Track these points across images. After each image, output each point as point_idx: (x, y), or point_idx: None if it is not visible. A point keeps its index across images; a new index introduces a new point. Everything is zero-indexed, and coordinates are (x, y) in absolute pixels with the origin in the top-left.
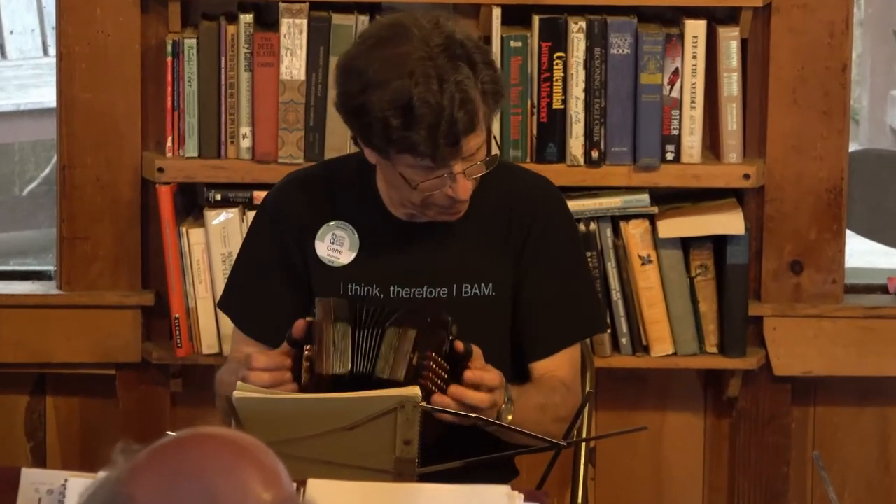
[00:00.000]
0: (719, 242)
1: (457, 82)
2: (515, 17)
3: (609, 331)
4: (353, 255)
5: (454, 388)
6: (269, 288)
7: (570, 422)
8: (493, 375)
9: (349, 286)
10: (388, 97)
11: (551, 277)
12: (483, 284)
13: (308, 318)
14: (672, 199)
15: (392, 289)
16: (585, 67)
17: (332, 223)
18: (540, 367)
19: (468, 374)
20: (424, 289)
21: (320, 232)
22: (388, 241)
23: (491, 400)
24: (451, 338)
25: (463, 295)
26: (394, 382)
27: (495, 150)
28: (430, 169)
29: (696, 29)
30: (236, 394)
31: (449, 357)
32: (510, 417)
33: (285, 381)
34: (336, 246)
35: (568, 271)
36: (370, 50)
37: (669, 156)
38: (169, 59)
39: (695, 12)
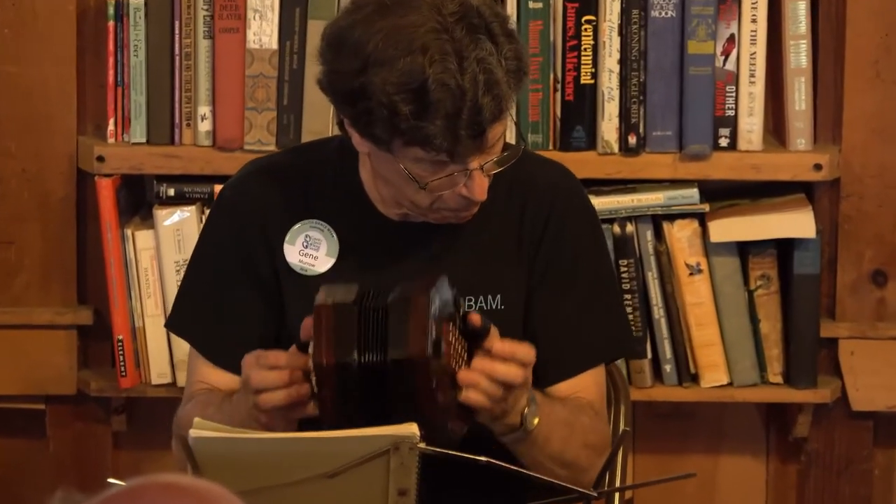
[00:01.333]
0: (784, 248)
1: (479, 60)
2: None
3: (649, 356)
4: (331, 262)
5: (481, 362)
6: (234, 301)
7: (602, 467)
8: (526, 349)
9: None
10: (397, 78)
11: (569, 288)
12: (490, 296)
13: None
14: (727, 195)
15: None
16: (620, 34)
17: (305, 222)
18: (560, 390)
19: (498, 346)
20: None
21: (291, 233)
22: (375, 246)
23: (525, 376)
24: (461, 312)
25: (466, 309)
26: (411, 363)
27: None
28: (442, 165)
29: None
30: (193, 433)
31: (464, 334)
32: (536, 421)
33: (294, 383)
34: (310, 251)
35: (589, 280)
36: (369, 19)
37: (723, 142)
38: (110, 23)
39: None
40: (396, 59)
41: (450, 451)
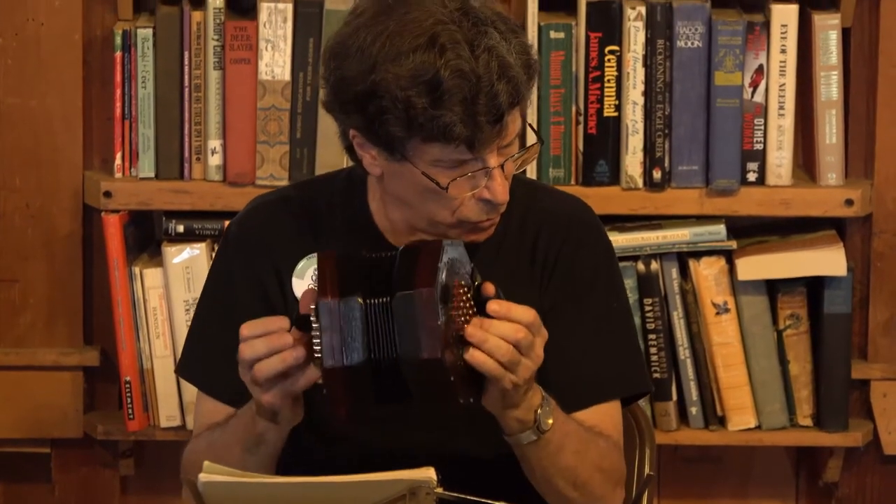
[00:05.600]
0: (815, 286)
1: (489, 48)
2: (557, 1)
3: (674, 398)
4: None
5: (477, 322)
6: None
7: None
8: (525, 310)
9: None
10: (408, 72)
11: (580, 318)
12: None
13: (313, 286)
14: (755, 232)
15: None
16: (645, 65)
17: (314, 256)
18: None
19: (492, 305)
20: None
21: (299, 267)
22: None
23: (528, 338)
24: (476, 283)
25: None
26: (424, 364)
27: (533, 140)
28: (461, 165)
29: (785, 15)
30: (202, 476)
31: (477, 304)
32: (550, 421)
33: (285, 346)
34: None
35: (601, 312)
36: (372, 20)
37: (751, 176)
38: (118, 53)
39: None
40: (406, 54)
41: (468, 497)
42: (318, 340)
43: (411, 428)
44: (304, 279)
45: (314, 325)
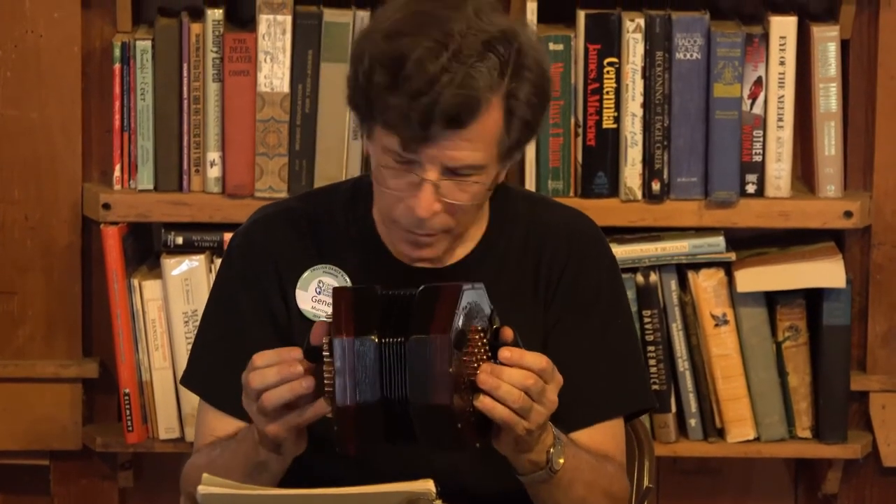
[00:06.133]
0: (814, 298)
1: (473, 68)
2: (555, 12)
3: (673, 410)
4: None
5: (489, 368)
6: (250, 346)
7: None
8: (538, 357)
9: None
10: (386, 47)
11: (585, 335)
12: None
13: (327, 319)
14: (754, 244)
15: None
16: (644, 76)
17: (318, 268)
18: (577, 440)
19: (504, 352)
20: None
21: (303, 279)
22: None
23: (538, 385)
24: (494, 326)
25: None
26: (432, 409)
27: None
28: (406, 164)
29: (784, 27)
30: (201, 489)
31: (493, 350)
32: (562, 461)
33: (296, 376)
34: (323, 297)
35: (606, 328)
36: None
37: (750, 188)
38: (117, 65)
39: (783, 6)
40: (401, 35)
41: None
42: (330, 376)
43: (418, 453)
44: (307, 291)
45: (325, 359)
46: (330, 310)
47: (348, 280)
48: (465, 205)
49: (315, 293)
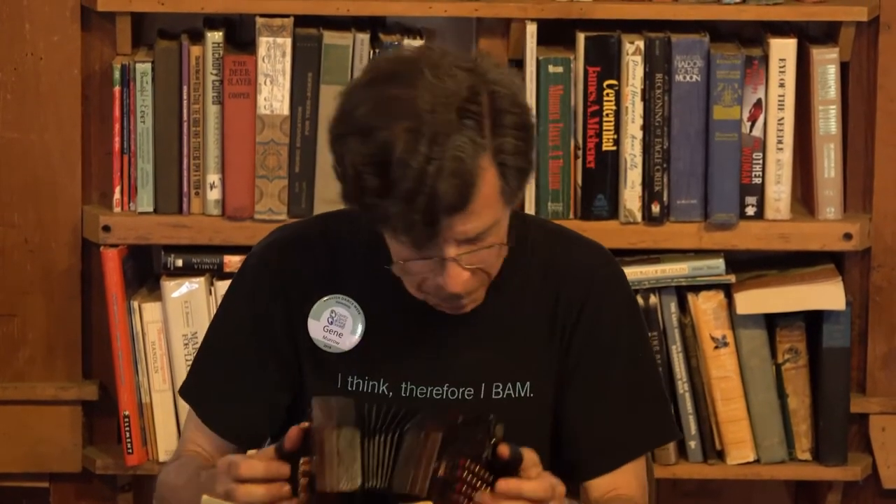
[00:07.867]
0: (813, 320)
1: (455, 146)
2: (555, 35)
3: None
4: (355, 340)
5: (486, 498)
6: (247, 374)
7: None
8: (538, 485)
9: (349, 379)
10: (367, 149)
11: (606, 379)
12: (519, 383)
13: (303, 425)
14: (754, 266)
15: (404, 386)
16: (644, 98)
17: (332, 297)
18: (598, 486)
19: (502, 484)
20: (445, 387)
21: (316, 307)
22: (401, 325)
23: None
24: (493, 441)
25: (493, 396)
26: (415, 498)
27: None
28: (418, 252)
29: (783, 50)
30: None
31: (492, 466)
32: None
33: (283, 497)
34: (335, 327)
35: (628, 370)
36: (369, 84)
37: (750, 210)
38: (116, 87)
39: (782, 28)
40: (374, 131)
41: None
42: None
43: None
44: (319, 321)
45: (301, 469)
46: (340, 341)
47: (361, 312)
48: (492, 261)
49: (327, 322)
